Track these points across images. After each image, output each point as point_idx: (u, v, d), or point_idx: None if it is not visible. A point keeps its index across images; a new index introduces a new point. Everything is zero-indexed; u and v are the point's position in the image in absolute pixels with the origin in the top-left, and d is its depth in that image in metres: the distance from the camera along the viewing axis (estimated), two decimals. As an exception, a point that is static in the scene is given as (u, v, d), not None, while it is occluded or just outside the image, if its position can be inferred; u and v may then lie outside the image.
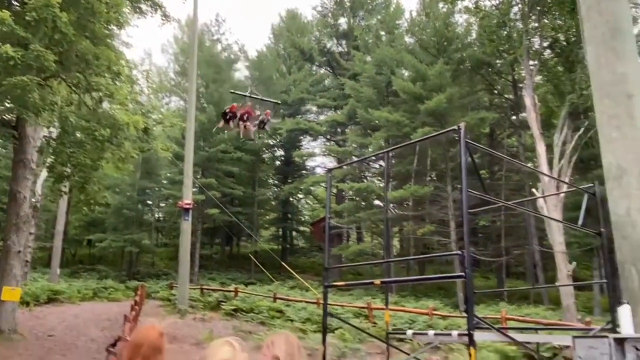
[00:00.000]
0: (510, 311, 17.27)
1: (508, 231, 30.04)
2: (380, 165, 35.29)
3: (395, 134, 28.32)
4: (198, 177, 30.50)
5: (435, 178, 30.73)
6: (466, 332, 3.85)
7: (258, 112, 17.20)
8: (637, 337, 4.01)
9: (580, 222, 5.89)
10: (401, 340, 11.76)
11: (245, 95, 17.76)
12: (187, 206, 18.49)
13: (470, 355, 3.75)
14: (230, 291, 21.42)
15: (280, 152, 42.56)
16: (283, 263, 25.45)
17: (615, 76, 4.51)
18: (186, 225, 18.67)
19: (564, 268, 17.96)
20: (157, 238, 36.76)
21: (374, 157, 33.79)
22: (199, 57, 23.99)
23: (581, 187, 6.84)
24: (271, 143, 40.01)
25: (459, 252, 4.16)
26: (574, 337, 4.41)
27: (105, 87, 10.88)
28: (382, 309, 13.73)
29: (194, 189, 24.64)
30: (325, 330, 5.80)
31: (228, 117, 16.49)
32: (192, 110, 19.96)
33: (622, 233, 4.34)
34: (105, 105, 12.29)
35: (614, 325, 4.89)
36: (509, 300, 23.09)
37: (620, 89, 4.47)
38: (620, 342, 4.10)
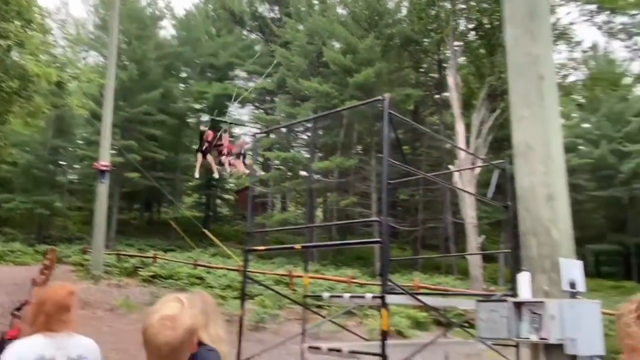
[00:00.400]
0: (423, 280, 18.23)
1: (425, 205, 31.47)
2: (308, 136, 35.43)
3: (324, 105, 28.45)
4: (117, 138, 29.05)
5: (361, 152, 31.36)
6: (380, 295, 4.02)
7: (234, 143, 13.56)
8: (533, 301, 4.38)
9: (489, 194, 6.29)
10: (319, 306, 12.11)
11: (224, 122, 14.15)
12: (104, 168, 17.64)
13: (382, 316, 3.94)
14: (148, 257, 20.90)
15: (206, 117, 41.37)
16: (205, 230, 25.09)
17: (530, 58, 4.76)
18: (102, 188, 17.85)
19: (474, 241, 19.16)
20: (70, 201, 34.77)
21: (301, 128, 33.85)
22: (121, 10, 22.56)
23: (493, 162, 7.27)
24: (197, 107, 38.79)
25: (377, 218, 4.30)
26: (478, 301, 4.74)
27: (14, 34, 10.01)
28: (303, 276, 14.02)
29: (113, 151, 23.49)
30: (244, 294, 5.83)
31: (204, 147, 12.47)
32: (112, 66, 18.85)
33: (526, 206, 4.66)
34: (15, 54, 11.33)
35: (514, 292, 5.26)
36: (422, 271, 24.33)
37: (533, 70, 4.72)
38: (518, 305, 4.45)
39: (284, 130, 33.29)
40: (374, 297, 4.25)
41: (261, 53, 36.43)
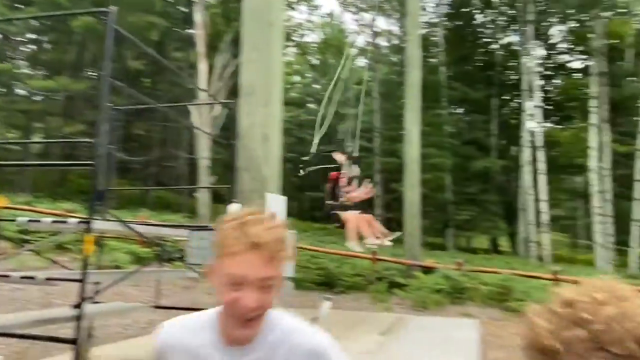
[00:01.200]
0: (151, 217, 17.95)
1: (163, 143, 30.77)
2: (30, 49, 30.33)
3: (52, 14, 24.61)
4: None
5: (94, 77, 28.42)
6: (85, 219, 3.80)
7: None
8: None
9: (215, 131, 6.51)
10: (26, 241, 10.86)
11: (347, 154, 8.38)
12: None
13: (85, 241, 3.74)
14: None
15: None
16: None
17: (263, 5, 5.03)
18: None
19: (206, 180, 19.73)
20: None
21: (22, 38, 28.75)
22: None
23: (223, 101, 7.51)
24: None
25: (91, 140, 4.03)
26: (190, 230, 4.96)
27: None
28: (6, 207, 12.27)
29: None
30: None
31: (335, 197, 7.50)
32: None
33: (245, 144, 5.01)
34: None
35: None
36: (152, 209, 23.89)
37: (264, 17, 5.01)
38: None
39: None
40: (79, 222, 4.00)
41: None
